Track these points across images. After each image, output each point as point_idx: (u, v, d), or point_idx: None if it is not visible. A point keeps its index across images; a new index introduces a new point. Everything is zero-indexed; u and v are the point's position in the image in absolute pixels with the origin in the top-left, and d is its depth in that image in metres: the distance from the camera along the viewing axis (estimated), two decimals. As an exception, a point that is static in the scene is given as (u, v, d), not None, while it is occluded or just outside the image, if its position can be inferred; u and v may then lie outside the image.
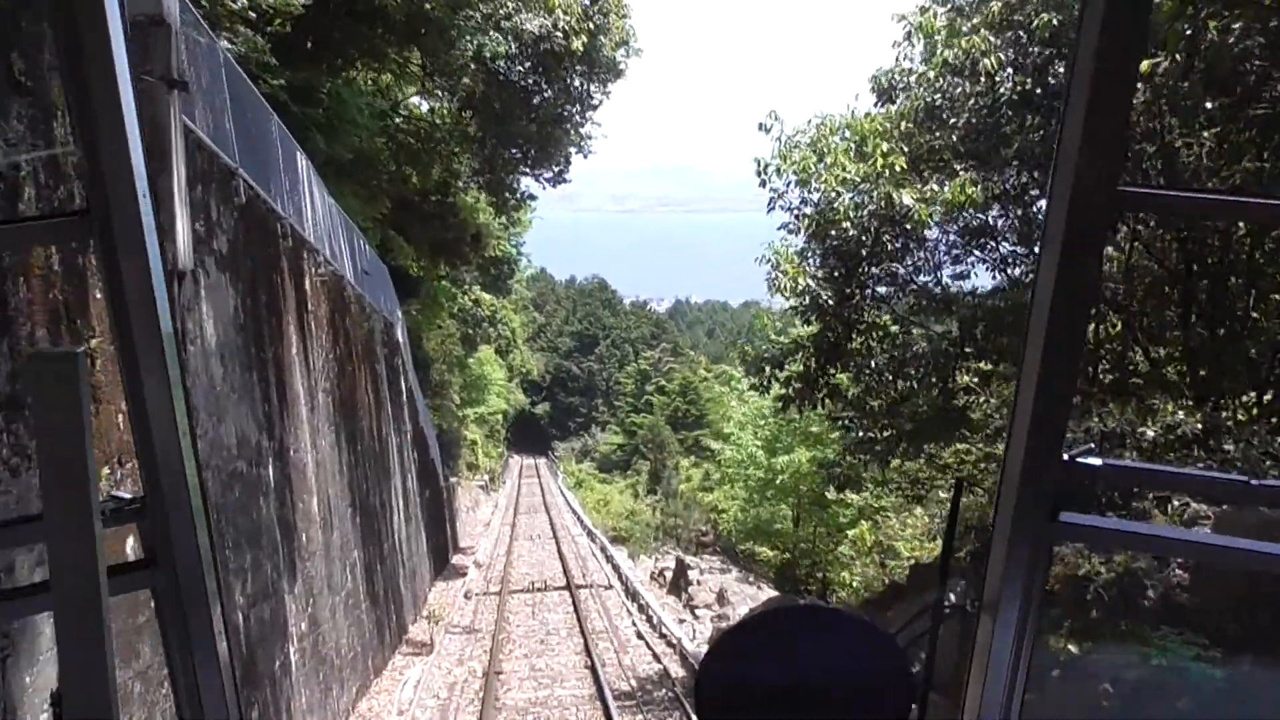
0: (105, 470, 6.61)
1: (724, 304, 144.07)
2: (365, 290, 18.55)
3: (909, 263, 12.74)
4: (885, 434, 13.00)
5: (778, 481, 26.24)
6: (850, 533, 23.58)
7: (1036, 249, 1.88)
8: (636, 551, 33.81)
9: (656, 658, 17.05)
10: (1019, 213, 12.19)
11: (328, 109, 17.24)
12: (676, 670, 16.05)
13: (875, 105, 13.81)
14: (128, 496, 1.75)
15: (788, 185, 12.93)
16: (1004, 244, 12.97)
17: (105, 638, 1.42)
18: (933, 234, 12.78)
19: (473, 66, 23.87)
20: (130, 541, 4.74)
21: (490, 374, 64.18)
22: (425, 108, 32.01)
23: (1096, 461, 1.75)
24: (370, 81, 26.62)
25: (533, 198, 32.95)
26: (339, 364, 15.47)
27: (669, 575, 26.91)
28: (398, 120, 27.04)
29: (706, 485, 39.77)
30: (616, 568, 27.28)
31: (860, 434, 13.81)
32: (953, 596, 2.00)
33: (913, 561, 22.03)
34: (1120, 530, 2.06)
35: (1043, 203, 11.21)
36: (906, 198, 11.41)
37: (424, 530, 25.16)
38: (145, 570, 1.76)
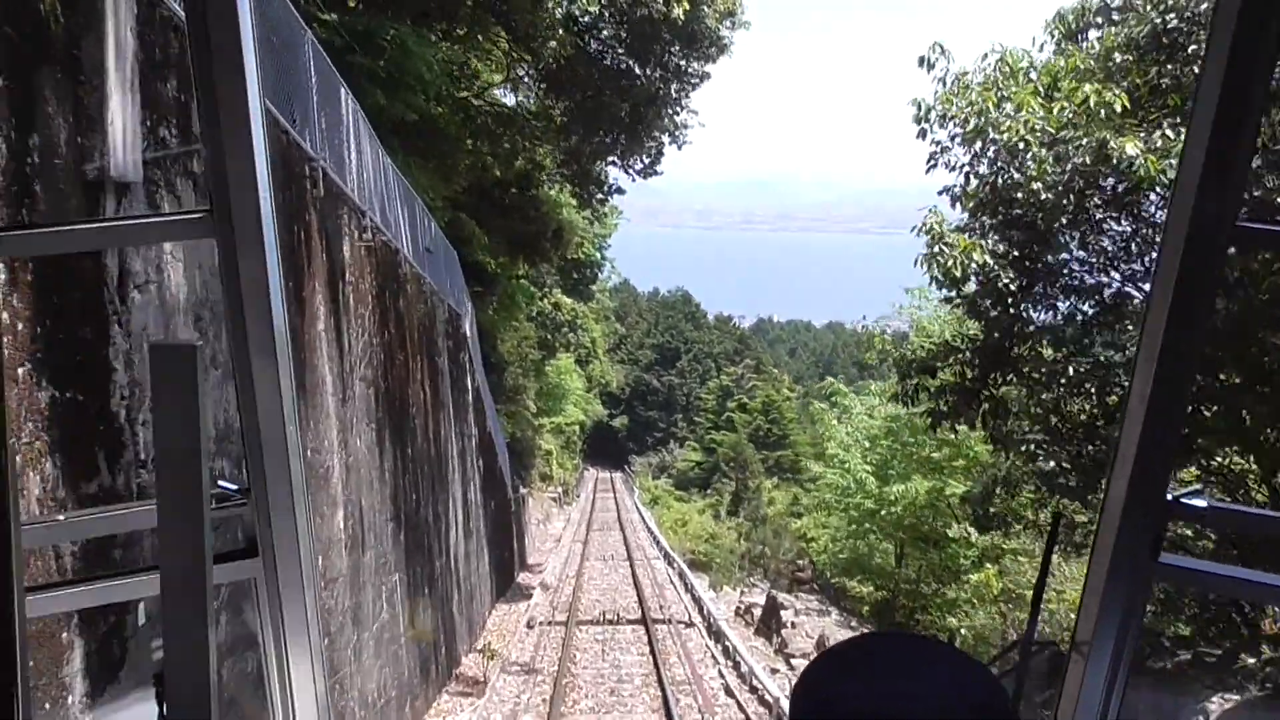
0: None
1: (807, 323, 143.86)
2: (427, 271, 16.11)
3: (1117, 232, 9.70)
4: (1084, 462, 9.82)
5: (884, 513, 22.79)
6: (972, 577, 20.12)
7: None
8: (719, 581, 30.59)
9: (749, 722, 14.15)
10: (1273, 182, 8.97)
11: (389, 59, 14.87)
12: (775, 742, 13.14)
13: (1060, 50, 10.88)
14: (234, 487, 1.79)
15: (953, 138, 10.02)
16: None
17: (209, 623, 1.42)
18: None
19: (560, 31, 21.45)
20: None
21: (568, 383, 62.34)
22: (511, 101, 30.01)
23: (1202, 503, 1.72)
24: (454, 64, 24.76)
25: (620, 191, 30.27)
26: (386, 350, 13.00)
27: (757, 613, 23.84)
28: (477, 101, 24.92)
29: (795, 510, 36.41)
30: (697, 599, 24.30)
31: (1051, 463, 10.69)
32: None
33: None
34: (1225, 575, 1.88)
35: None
36: (1130, 147, 8.40)
37: (487, 546, 22.64)
38: (247, 560, 1.81)
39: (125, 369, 5.35)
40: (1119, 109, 8.63)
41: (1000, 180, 9.45)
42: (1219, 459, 9.70)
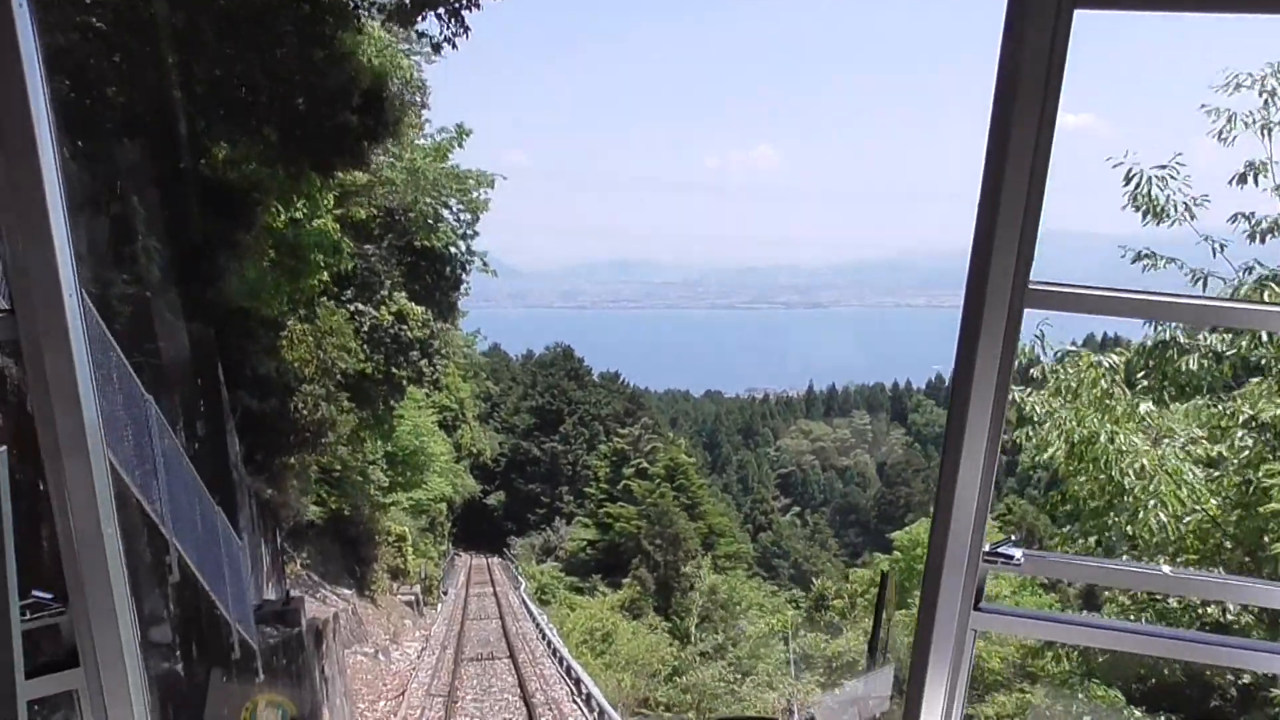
0: None
1: (685, 393, 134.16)
2: None
3: None
4: None
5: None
6: None
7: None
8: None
9: None
10: None
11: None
12: None
13: None
14: (49, 596, 1.65)
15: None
16: None
17: None
18: None
19: None
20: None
21: (431, 447, 46.47)
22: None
23: (1017, 553, 1.87)
24: None
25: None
26: None
27: None
28: None
29: (818, 618, 20.68)
30: None
31: None
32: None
33: None
34: (1040, 619, 2.34)
35: None
36: None
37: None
38: (67, 671, 1.67)
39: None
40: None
41: None
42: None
